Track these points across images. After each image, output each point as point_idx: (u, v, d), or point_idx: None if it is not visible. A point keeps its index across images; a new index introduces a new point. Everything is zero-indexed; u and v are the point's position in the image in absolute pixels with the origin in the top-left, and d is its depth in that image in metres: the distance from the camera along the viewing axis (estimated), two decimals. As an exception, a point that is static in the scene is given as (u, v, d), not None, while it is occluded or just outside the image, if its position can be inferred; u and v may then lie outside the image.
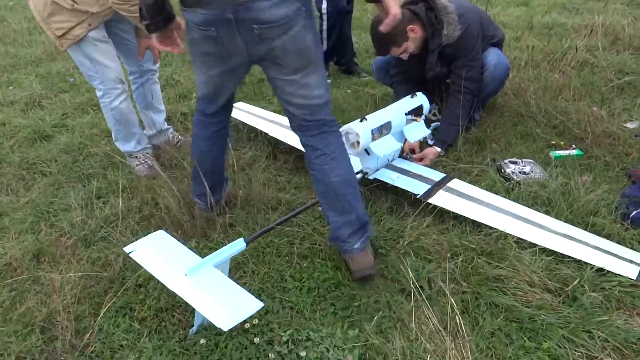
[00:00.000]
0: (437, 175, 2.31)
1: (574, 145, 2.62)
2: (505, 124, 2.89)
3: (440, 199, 2.14)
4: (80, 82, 4.00)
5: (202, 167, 2.03)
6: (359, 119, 2.19)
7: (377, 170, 2.34)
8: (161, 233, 1.80)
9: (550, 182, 2.25)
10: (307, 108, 1.76)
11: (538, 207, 2.14)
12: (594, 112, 2.80)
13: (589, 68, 3.49)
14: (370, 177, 2.30)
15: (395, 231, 2.10)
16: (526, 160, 2.47)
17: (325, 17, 3.52)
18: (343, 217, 1.81)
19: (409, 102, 2.43)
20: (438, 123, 2.78)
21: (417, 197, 2.16)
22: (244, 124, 3.00)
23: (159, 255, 1.69)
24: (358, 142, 2.15)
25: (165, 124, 2.85)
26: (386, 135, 2.29)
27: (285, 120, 2.86)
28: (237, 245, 1.75)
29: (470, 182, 2.33)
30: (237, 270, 1.96)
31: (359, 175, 2.25)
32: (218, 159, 2.10)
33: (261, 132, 2.82)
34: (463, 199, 2.15)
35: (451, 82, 2.63)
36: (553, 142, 2.66)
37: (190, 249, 1.71)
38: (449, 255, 1.90)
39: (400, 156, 2.49)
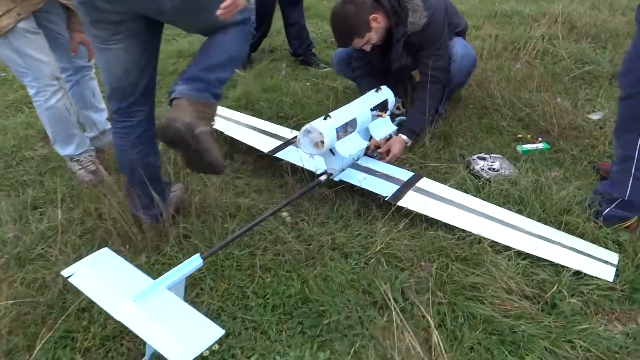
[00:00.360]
0: (405, 175, 2.19)
1: (540, 139, 2.56)
2: (470, 117, 2.80)
3: (410, 201, 2.02)
4: (12, 77, 3.65)
5: (135, 180, 1.83)
6: (323, 117, 2.03)
7: (343, 170, 2.19)
8: (105, 251, 1.59)
9: (521, 179, 2.17)
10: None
11: (510, 206, 2.06)
12: (558, 103, 2.76)
13: (549, 57, 3.46)
14: (336, 179, 2.15)
15: (364, 236, 1.97)
16: (494, 155, 2.38)
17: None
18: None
19: (373, 97, 2.29)
20: (403, 117, 2.66)
21: (386, 199, 2.03)
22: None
23: (103, 278, 1.50)
24: (322, 142, 2.00)
25: (108, 123, 2.60)
26: (351, 133, 2.14)
27: (243, 117, 2.70)
28: (193, 263, 1.58)
29: (439, 180, 2.22)
30: (193, 287, 1.78)
31: (323, 177, 2.10)
32: (152, 166, 1.88)
33: (216, 130, 2.62)
34: (433, 199, 2.04)
35: (420, 73, 2.51)
36: (520, 136, 2.59)
37: (140, 268, 1.52)
38: (431, 270, 1.78)
39: (366, 154, 2.36)
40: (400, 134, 2.45)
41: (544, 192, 2.09)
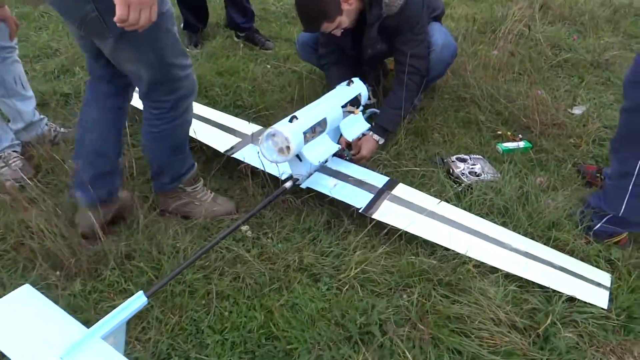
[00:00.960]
0: (379, 180, 1.97)
1: (520, 136, 2.39)
2: (446, 109, 2.59)
3: (386, 213, 1.80)
4: None
5: (87, 143, 1.68)
6: (288, 118, 1.77)
7: (311, 175, 1.94)
8: (26, 289, 1.30)
9: (505, 186, 1.99)
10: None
11: (494, 218, 1.88)
12: (538, 95, 2.58)
13: (525, 42, 3.27)
14: (303, 186, 1.90)
15: (336, 255, 1.75)
16: (475, 156, 2.19)
17: None
18: None
19: (345, 92, 2.03)
20: (375, 110, 2.42)
21: (359, 211, 1.81)
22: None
23: (22, 327, 1.22)
24: (288, 148, 1.73)
25: (37, 113, 2.23)
26: (321, 134, 1.89)
27: (195, 108, 2.38)
28: (135, 303, 1.31)
29: (416, 186, 2.02)
30: (137, 321, 1.52)
31: (288, 184, 1.85)
32: (109, 137, 1.71)
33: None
34: (411, 210, 1.83)
35: (395, 62, 2.26)
36: (499, 132, 2.41)
37: (75, 298, 1.25)
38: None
39: (335, 154, 2.11)
40: (371, 132, 2.21)
41: (530, 202, 1.92)
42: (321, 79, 2.77)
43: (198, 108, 2.37)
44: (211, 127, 2.23)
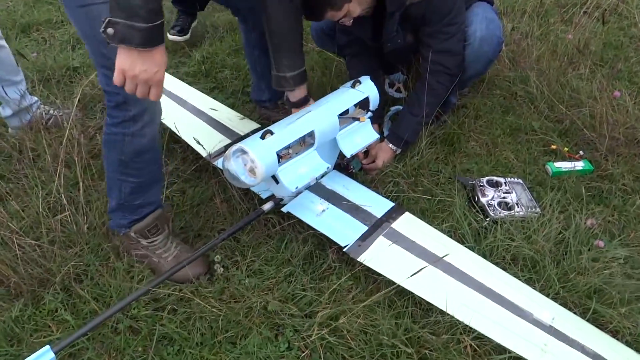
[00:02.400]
0: (381, 206, 1.60)
1: (582, 153, 1.89)
2: (492, 109, 2.12)
3: (377, 255, 1.45)
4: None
5: None
6: (260, 132, 1.45)
7: (299, 195, 1.63)
8: None
9: (540, 228, 1.55)
10: None
11: (517, 271, 1.47)
12: (616, 97, 2.03)
13: (616, 20, 2.63)
14: (284, 210, 1.59)
15: (308, 301, 1.45)
16: (512, 180, 1.75)
17: None
18: None
19: (347, 96, 1.65)
20: (399, 107, 2.02)
21: (344, 250, 1.48)
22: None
23: None
24: (255, 170, 1.42)
25: (28, 97, 2.07)
26: (307, 151, 1.55)
27: (193, 96, 2.12)
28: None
29: (429, 214, 1.65)
30: (69, 361, 1.33)
31: (267, 206, 1.55)
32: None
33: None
34: (411, 253, 1.47)
35: (421, 57, 1.84)
36: (553, 147, 1.92)
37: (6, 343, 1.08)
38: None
39: (339, 167, 1.77)
40: (386, 140, 1.83)
41: (569, 254, 1.48)
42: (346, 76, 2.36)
43: (195, 97, 2.09)
44: (204, 124, 1.95)
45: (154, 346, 1.35)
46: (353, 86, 1.67)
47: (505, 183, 1.73)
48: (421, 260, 1.42)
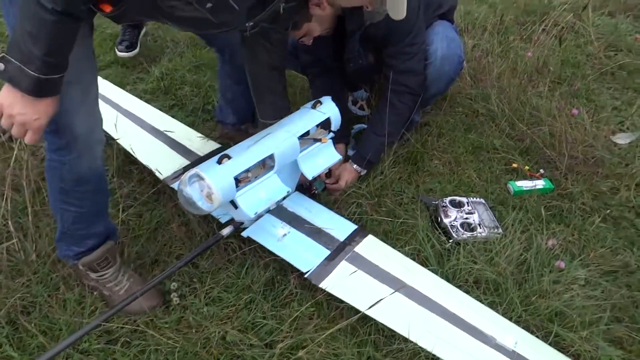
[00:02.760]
0: (344, 229, 1.57)
1: (542, 171, 1.91)
2: (455, 127, 2.13)
3: (340, 281, 1.42)
4: None
5: None
6: (217, 157, 1.40)
7: (259, 218, 1.58)
8: None
9: (502, 250, 1.55)
10: None
11: (481, 294, 1.46)
12: (574, 115, 2.07)
13: (572, 37, 2.69)
14: (244, 234, 1.55)
15: (268, 330, 1.40)
16: (475, 200, 1.75)
17: None
18: None
19: (307, 117, 1.62)
20: (364, 125, 2.00)
21: (306, 276, 1.44)
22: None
23: None
24: (211, 196, 1.37)
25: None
26: (267, 174, 1.51)
27: (150, 115, 2.05)
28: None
29: (392, 236, 1.63)
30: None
31: (227, 230, 1.50)
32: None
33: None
34: (374, 278, 1.44)
35: (383, 77, 1.83)
36: (514, 165, 1.93)
37: None
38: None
39: (301, 189, 1.73)
40: (350, 161, 1.81)
41: (531, 277, 1.48)
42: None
43: (152, 115, 2.02)
44: (157, 141, 1.88)
45: (105, 383, 1.28)
46: (314, 107, 1.64)
47: (467, 203, 1.73)
48: (385, 286, 1.39)
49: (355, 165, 1.83)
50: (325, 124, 1.66)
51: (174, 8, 1.08)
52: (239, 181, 1.42)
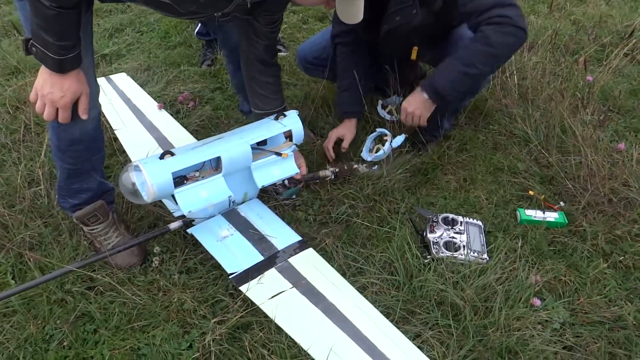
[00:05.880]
0: (287, 239, 1.58)
1: (562, 204, 1.75)
2: (482, 145, 2.02)
3: (262, 288, 1.42)
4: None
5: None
6: (160, 153, 1.48)
7: (210, 218, 1.63)
8: None
9: (473, 276, 1.46)
10: None
11: (437, 316, 1.40)
12: (619, 150, 1.87)
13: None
14: (189, 231, 1.60)
15: (222, 307, 1.47)
16: (472, 221, 1.67)
17: None
18: None
19: (265, 127, 1.65)
20: (385, 130, 1.97)
21: (230, 278, 1.47)
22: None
23: None
24: (138, 191, 1.47)
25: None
26: (212, 177, 1.55)
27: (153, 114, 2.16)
28: None
29: (373, 243, 1.62)
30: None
31: (175, 224, 1.58)
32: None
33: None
34: (297, 290, 1.41)
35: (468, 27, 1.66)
36: (531, 192, 1.80)
37: None
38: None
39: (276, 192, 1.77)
40: (420, 86, 1.71)
41: (494, 309, 1.38)
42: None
43: (141, 102, 2.18)
44: (145, 132, 2.01)
45: (71, 321, 1.43)
46: (277, 118, 1.67)
47: (461, 223, 1.65)
48: (304, 298, 1.39)
49: (424, 93, 1.69)
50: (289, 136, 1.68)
51: None
52: (186, 178, 1.50)
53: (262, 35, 1.55)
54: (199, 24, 2.62)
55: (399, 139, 1.93)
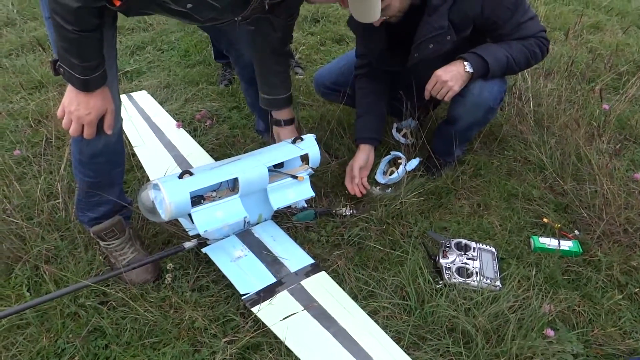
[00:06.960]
0: (300, 261, 1.58)
1: (577, 232, 1.74)
2: (497, 170, 2.02)
3: (274, 310, 1.43)
4: None
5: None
6: (179, 173, 1.51)
7: (225, 238, 1.65)
8: None
9: (486, 304, 1.45)
10: None
11: (448, 343, 1.39)
12: (637, 179, 1.86)
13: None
14: (203, 250, 1.62)
15: (233, 326, 1.48)
16: (485, 247, 1.66)
17: None
18: None
19: (282, 150, 1.67)
20: (399, 154, 1.98)
21: (242, 299, 1.48)
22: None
23: None
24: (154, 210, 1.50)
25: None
26: (228, 197, 1.57)
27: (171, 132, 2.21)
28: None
29: (385, 266, 1.61)
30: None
31: (190, 243, 1.59)
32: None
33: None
34: (308, 313, 1.41)
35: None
36: (545, 220, 1.79)
37: None
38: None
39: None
40: (461, 59, 1.66)
41: (507, 337, 1.37)
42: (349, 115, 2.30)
43: (161, 120, 2.23)
44: (163, 150, 2.05)
45: (83, 335, 1.45)
46: (294, 142, 1.69)
47: (474, 249, 1.64)
48: (314, 321, 1.39)
49: (466, 63, 1.63)
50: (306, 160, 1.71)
51: (166, 3, 1.24)
52: (203, 198, 1.53)
53: (278, 28, 1.57)
54: (212, 49, 2.67)
55: (414, 162, 1.94)
